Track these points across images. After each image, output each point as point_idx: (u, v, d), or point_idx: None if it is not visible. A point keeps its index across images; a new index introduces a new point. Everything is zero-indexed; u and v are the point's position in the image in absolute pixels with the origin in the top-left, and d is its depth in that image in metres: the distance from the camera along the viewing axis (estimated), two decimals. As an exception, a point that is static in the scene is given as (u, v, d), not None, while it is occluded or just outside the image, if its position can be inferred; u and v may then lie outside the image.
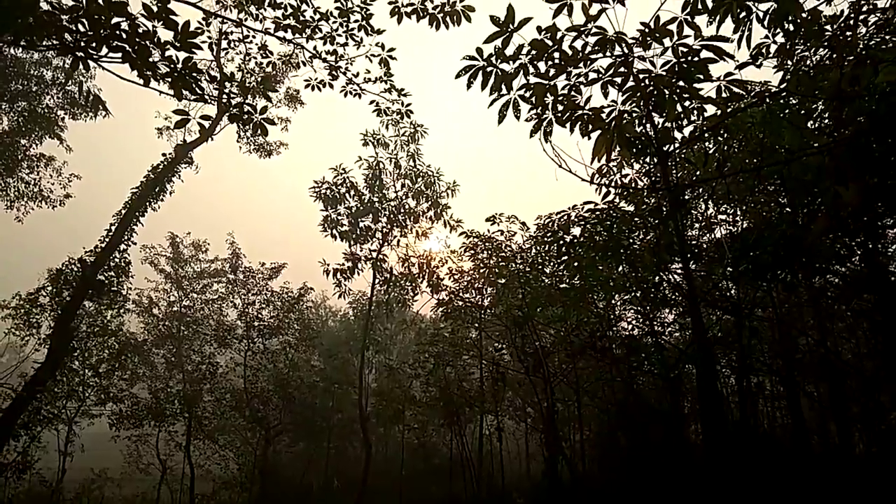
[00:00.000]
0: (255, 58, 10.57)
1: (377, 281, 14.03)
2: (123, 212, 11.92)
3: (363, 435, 13.07)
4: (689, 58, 3.54)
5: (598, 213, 5.92)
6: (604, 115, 3.96)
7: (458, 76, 3.90)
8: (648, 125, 4.95)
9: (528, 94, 4.00)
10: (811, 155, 4.66)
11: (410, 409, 15.52)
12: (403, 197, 14.29)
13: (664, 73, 3.68)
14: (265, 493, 15.58)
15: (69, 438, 13.14)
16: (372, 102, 7.24)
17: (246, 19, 7.51)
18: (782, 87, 4.37)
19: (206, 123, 12.60)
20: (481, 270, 8.36)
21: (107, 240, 11.50)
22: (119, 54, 3.97)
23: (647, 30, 3.61)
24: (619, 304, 7.94)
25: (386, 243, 14.13)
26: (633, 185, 6.61)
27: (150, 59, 4.05)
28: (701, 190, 6.78)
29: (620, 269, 6.72)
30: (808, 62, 4.62)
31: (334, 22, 6.42)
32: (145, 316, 17.48)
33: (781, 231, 4.88)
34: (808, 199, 5.29)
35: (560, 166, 3.83)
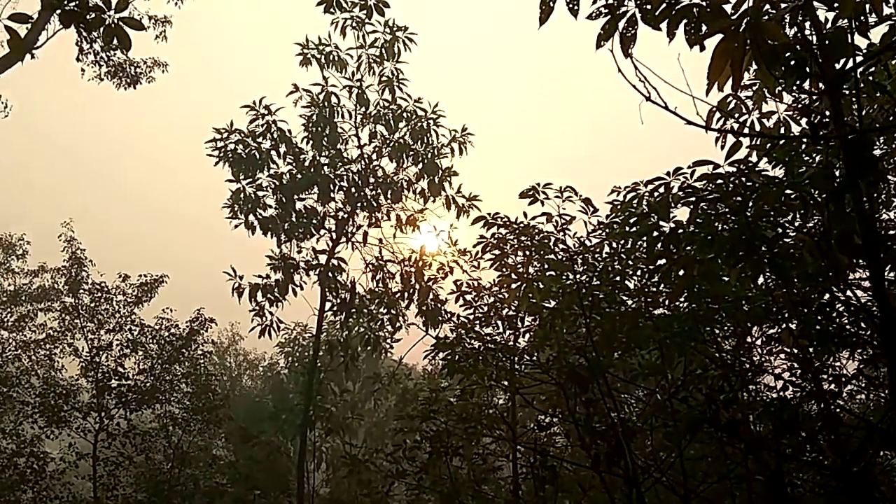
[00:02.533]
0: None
1: (329, 306, 14.13)
2: None
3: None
4: None
5: (720, 181, 5.87)
6: (729, 7, 3.92)
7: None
8: (808, 25, 4.89)
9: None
10: None
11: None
12: (374, 156, 14.39)
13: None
14: None
15: None
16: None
17: None
18: None
19: (20, 29, 12.65)
20: (513, 286, 8.32)
21: None
22: None
23: None
24: (759, 342, 7.90)
25: (344, 238, 14.21)
26: (781, 131, 6.54)
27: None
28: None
29: (761, 280, 6.67)
30: None
31: None
32: None
33: None
34: None
35: (648, 98, 3.79)
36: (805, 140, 6.17)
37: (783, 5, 4.20)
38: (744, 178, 5.80)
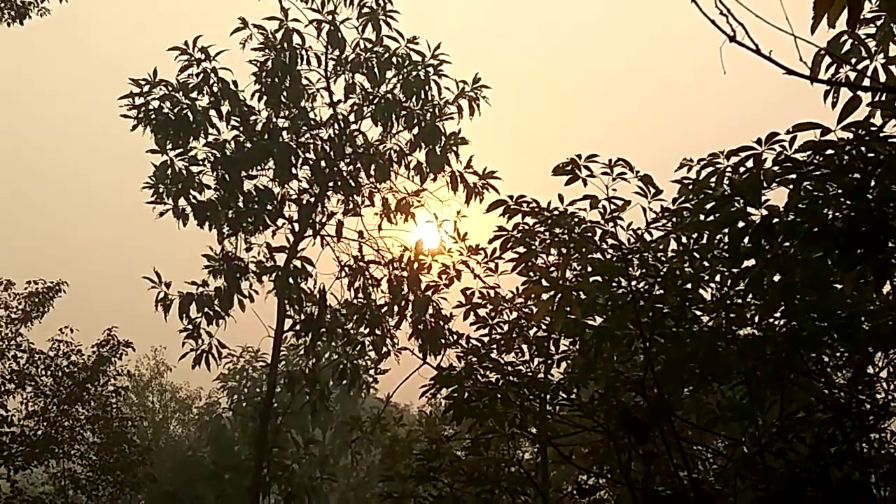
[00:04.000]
0: None
1: (290, 324, 14.17)
2: None
3: None
4: None
5: (830, 151, 5.85)
6: None
7: None
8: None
9: None
10: None
11: None
12: (352, 117, 14.42)
13: None
14: None
15: None
16: None
17: None
18: None
19: None
20: (544, 296, 8.27)
21: None
22: None
23: None
24: (884, 374, 7.89)
25: (311, 231, 14.23)
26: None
27: None
28: None
29: (888, 288, 6.67)
30: None
31: None
32: None
33: None
34: None
35: (732, 38, 3.79)
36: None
37: None
38: (864, 148, 5.78)
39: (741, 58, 3.90)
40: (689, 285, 7.78)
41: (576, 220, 8.15)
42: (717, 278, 7.75)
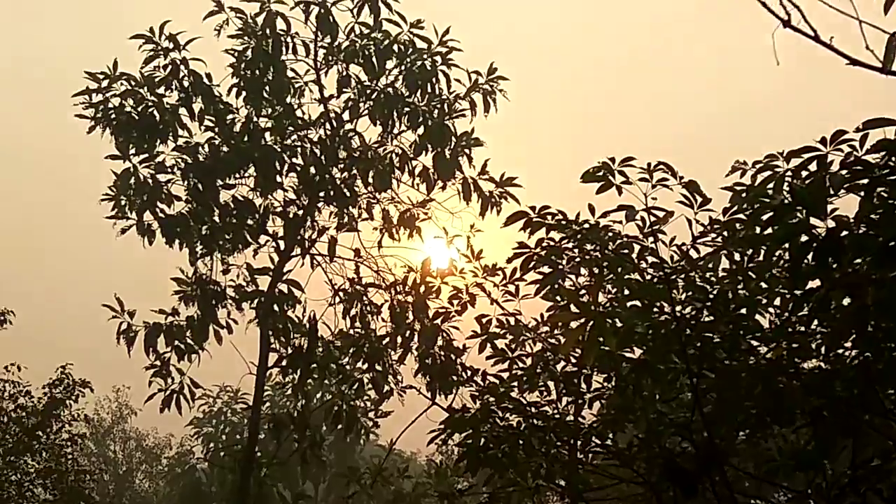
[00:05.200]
0: None
1: (276, 359, 14.19)
2: None
3: None
4: None
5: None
6: None
7: None
8: None
9: None
10: None
11: None
12: (347, 115, 14.47)
13: None
14: None
15: None
16: None
17: None
18: None
19: None
20: (574, 324, 8.26)
21: None
22: None
23: None
24: None
25: (299, 250, 14.27)
26: None
27: None
28: None
29: None
30: None
31: None
32: None
33: None
34: None
35: (787, 23, 3.83)
36: None
37: None
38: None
39: (796, 45, 3.94)
40: (743, 310, 7.78)
41: (610, 234, 8.18)
42: (777, 302, 7.74)
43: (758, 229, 6.59)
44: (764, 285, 7.62)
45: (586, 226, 8.14)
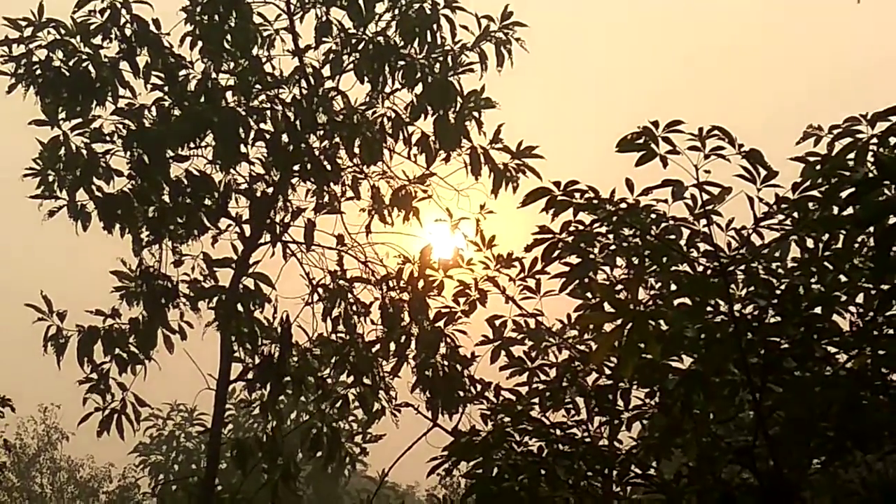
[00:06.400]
0: None
1: (240, 373, 14.18)
2: None
3: None
4: None
5: None
6: None
7: None
8: None
9: None
10: None
11: None
12: (327, 70, 14.44)
13: None
14: None
15: None
16: None
17: None
18: None
19: None
20: (607, 327, 8.26)
21: None
22: None
23: None
24: None
25: (268, 236, 14.23)
26: None
27: None
28: None
29: None
30: None
31: None
32: None
33: None
34: None
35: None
36: None
37: None
38: None
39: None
40: (817, 310, 7.79)
41: (652, 216, 8.17)
42: (859, 299, 7.75)
43: (836, 209, 6.59)
44: (843, 278, 7.61)
45: (623, 206, 8.12)
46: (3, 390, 19.02)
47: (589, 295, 8.74)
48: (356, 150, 14.19)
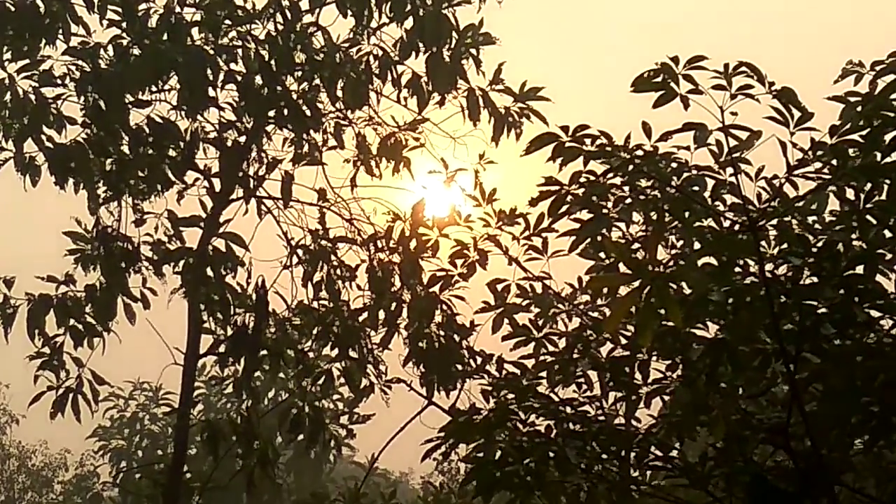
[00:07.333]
0: None
1: (210, 346, 14.23)
2: None
3: None
4: None
5: None
6: None
7: None
8: None
9: None
10: None
11: None
12: (303, 2, 14.40)
13: None
14: None
15: None
16: None
17: None
18: None
19: None
20: (623, 290, 8.32)
21: None
22: None
23: None
24: None
25: (240, 190, 14.25)
26: None
27: None
28: None
29: None
30: None
31: None
32: None
33: None
34: None
35: None
36: None
37: None
38: None
39: None
40: (859, 269, 7.81)
41: (673, 164, 8.18)
42: (906, 259, 7.78)
43: (879, 155, 6.61)
44: (888, 234, 7.64)
45: (640, 153, 8.12)
46: (-58, 368, 19.11)
47: (602, 255, 8.77)
48: (339, 94, 14.18)
